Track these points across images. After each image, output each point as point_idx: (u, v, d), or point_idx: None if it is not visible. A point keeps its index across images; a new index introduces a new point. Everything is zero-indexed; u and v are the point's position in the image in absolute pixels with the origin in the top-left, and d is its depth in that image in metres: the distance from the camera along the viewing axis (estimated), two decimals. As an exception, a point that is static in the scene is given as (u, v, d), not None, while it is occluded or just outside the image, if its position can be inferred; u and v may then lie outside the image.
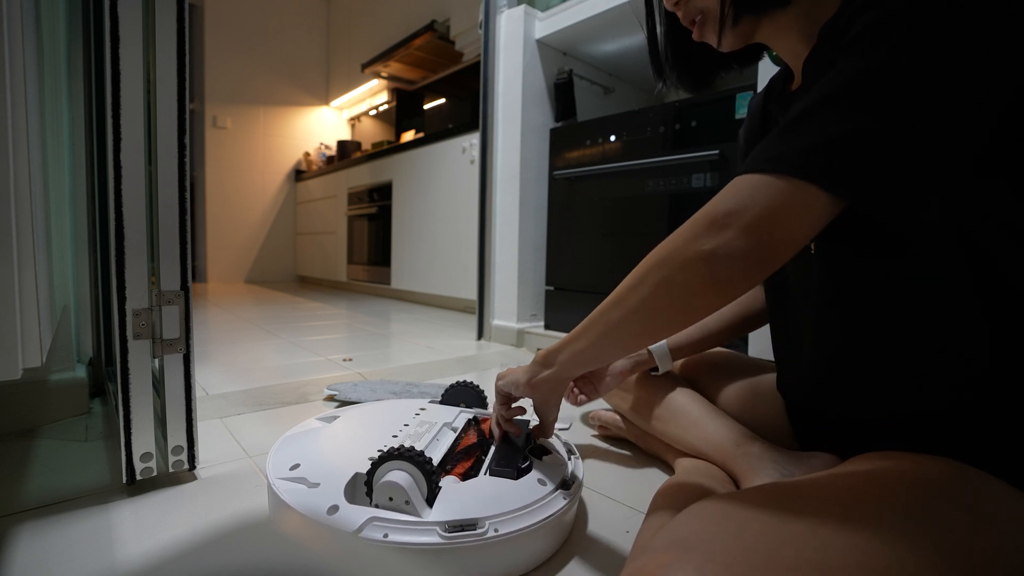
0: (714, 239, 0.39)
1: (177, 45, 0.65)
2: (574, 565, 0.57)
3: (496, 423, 0.67)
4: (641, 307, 0.44)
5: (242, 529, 0.12)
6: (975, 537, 0.35)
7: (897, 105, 0.35)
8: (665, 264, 0.42)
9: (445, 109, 3.58)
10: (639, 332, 0.46)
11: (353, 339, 1.89)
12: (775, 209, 0.37)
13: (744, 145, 0.68)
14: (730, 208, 0.38)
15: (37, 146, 0.61)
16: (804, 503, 0.37)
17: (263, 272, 4.35)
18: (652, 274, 0.43)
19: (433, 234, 2.76)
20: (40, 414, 0.91)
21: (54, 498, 0.67)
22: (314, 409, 1.07)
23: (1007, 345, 0.41)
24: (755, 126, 0.64)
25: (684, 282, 0.41)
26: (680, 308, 0.42)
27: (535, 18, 1.77)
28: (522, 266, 1.82)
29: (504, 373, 0.63)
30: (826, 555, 0.32)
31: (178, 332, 0.68)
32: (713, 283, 0.39)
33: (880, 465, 0.43)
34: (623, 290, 0.46)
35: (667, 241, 0.43)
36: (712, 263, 0.39)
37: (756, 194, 0.38)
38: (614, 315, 0.46)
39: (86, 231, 1.04)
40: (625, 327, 0.46)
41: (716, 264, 0.39)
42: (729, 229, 0.38)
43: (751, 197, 0.38)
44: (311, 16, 4.46)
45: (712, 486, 0.63)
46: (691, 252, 0.40)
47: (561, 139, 1.75)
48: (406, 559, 0.13)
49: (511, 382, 0.61)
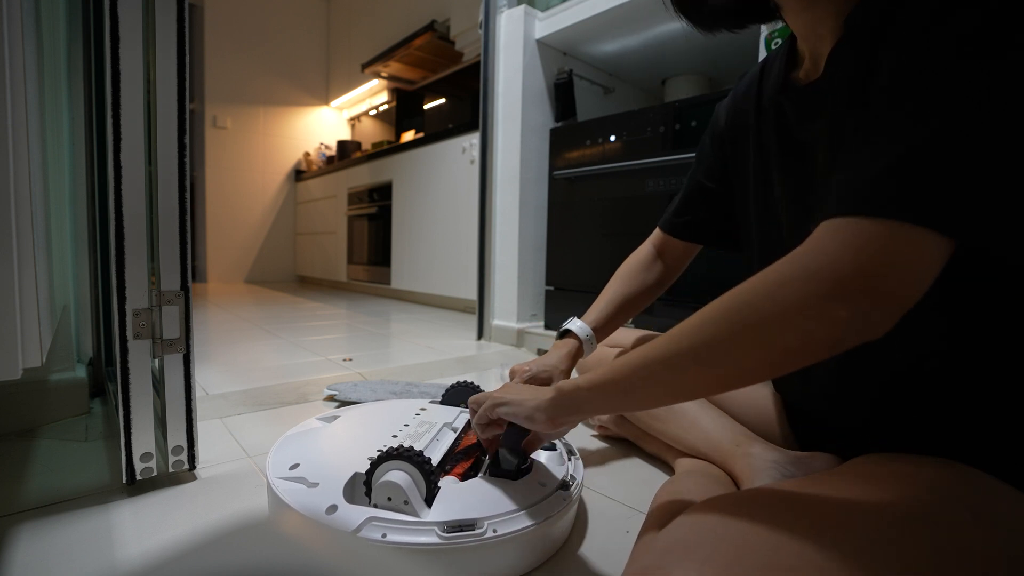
0: (847, 308, 0.33)
1: (177, 45, 0.65)
2: (574, 566, 0.57)
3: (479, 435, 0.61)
4: (721, 364, 0.38)
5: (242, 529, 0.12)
6: (977, 538, 0.35)
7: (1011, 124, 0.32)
8: (767, 326, 0.35)
9: (445, 109, 3.58)
10: (708, 387, 0.40)
11: (353, 339, 1.89)
12: (915, 270, 0.32)
13: (728, 130, 0.65)
14: (862, 270, 0.32)
15: (37, 146, 0.61)
16: (805, 505, 0.37)
17: (263, 272, 4.35)
18: (744, 335, 0.36)
19: (433, 234, 2.76)
20: (40, 414, 0.91)
21: (54, 498, 0.67)
22: (314, 409, 1.07)
23: (1009, 350, 0.41)
24: (745, 118, 0.61)
25: (798, 347, 0.35)
26: (779, 369, 0.36)
27: (535, 18, 1.77)
28: (522, 266, 1.82)
29: (508, 397, 0.55)
30: (827, 556, 0.32)
31: (178, 332, 0.68)
32: (835, 348, 0.34)
33: (881, 467, 0.43)
34: (690, 344, 0.39)
35: (758, 295, 0.36)
36: (843, 331, 0.33)
37: (891, 253, 0.32)
38: (675, 367, 0.40)
39: (86, 231, 1.04)
40: (694, 382, 0.40)
41: (848, 333, 0.33)
42: (866, 297, 0.32)
43: (884, 254, 0.32)
44: (311, 16, 4.46)
45: (712, 487, 0.63)
46: (811, 316, 0.33)
47: (561, 139, 1.75)
48: (404, 559, 0.13)
49: (525, 415, 0.52)
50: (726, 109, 0.67)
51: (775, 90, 0.56)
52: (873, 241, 0.32)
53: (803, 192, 0.52)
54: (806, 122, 0.51)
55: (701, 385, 0.40)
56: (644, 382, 0.42)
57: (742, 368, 0.37)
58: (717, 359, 0.38)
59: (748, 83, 0.62)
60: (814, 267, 0.34)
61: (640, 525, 0.58)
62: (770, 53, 0.59)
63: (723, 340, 0.37)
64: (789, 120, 0.53)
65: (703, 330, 0.38)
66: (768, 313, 0.35)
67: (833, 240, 0.34)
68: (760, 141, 0.58)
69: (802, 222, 0.51)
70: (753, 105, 0.60)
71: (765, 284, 0.36)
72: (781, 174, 0.55)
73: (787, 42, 0.57)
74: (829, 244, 0.34)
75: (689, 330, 0.39)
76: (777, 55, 0.58)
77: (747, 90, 0.62)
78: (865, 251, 0.32)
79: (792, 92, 0.53)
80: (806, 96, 0.51)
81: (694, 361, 0.39)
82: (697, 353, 0.38)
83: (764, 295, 0.36)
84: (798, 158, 0.52)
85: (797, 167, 0.53)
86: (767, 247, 0.59)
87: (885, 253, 0.32)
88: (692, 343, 0.39)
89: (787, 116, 0.53)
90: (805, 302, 0.34)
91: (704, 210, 0.72)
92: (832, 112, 0.46)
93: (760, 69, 0.61)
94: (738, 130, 0.64)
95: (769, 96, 0.57)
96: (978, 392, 0.43)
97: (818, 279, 0.33)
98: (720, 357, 0.37)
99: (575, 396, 0.48)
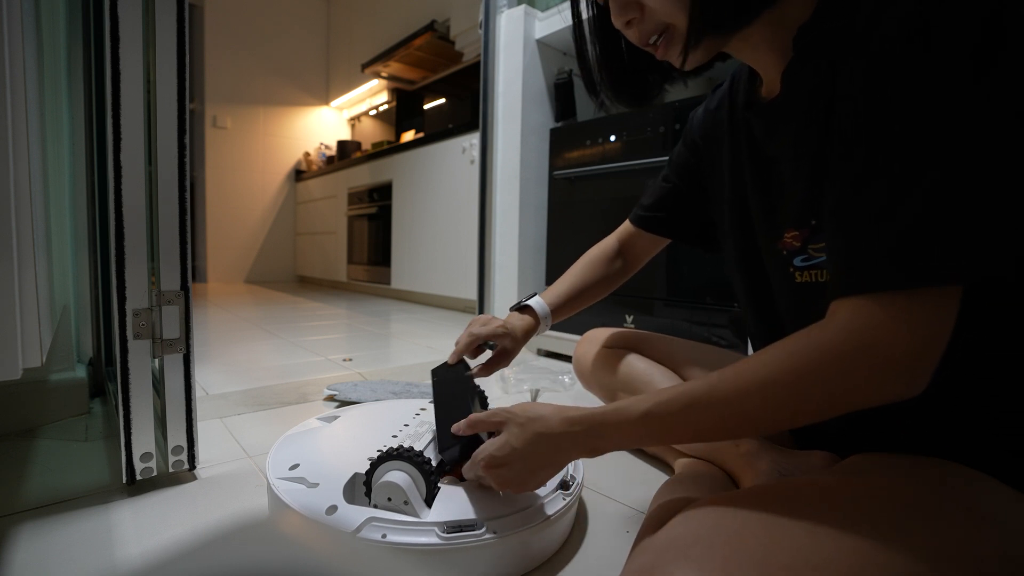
0: (899, 382, 0.35)
1: (177, 45, 0.65)
2: (574, 566, 0.57)
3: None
4: (769, 429, 0.41)
5: (242, 529, 0.12)
6: (973, 537, 0.35)
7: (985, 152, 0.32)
8: (831, 405, 0.37)
9: (445, 109, 3.58)
10: (746, 431, 0.41)
11: (353, 339, 1.89)
12: (949, 324, 0.34)
13: (702, 140, 0.66)
14: (914, 349, 0.34)
15: (37, 146, 0.61)
16: (802, 503, 0.37)
17: (263, 272, 4.35)
18: (800, 416, 0.38)
19: (433, 234, 2.76)
20: (40, 414, 0.91)
21: (54, 498, 0.67)
22: (314, 409, 1.07)
23: (1005, 352, 0.41)
24: (719, 130, 0.61)
25: (842, 410, 0.37)
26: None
27: (535, 18, 1.77)
28: (522, 266, 1.82)
29: (526, 421, 0.49)
30: (823, 555, 0.32)
31: (178, 332, 0.68)
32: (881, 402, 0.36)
33: (878, 465, 0.43)
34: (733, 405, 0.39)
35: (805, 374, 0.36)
36: (895, 396, 0.35)
37: (933, 322, 0.34)
38: (716, 414, 0.40)
39: (86, 231, 1.04)
40: (732, 428, 0.41)
41: (897, 396, 0.35)
42: (914, 372, 0.35)
43: (927, 326, 0.34)
44: (311, 16, 4.46)
45: (711, 486, 0.63)
46: (872, 398, 0.36)
47: (561, 139, 1.75)
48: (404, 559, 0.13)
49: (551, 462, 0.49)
50: (699, 120, 0.67)
51: (743, 106, 0.56)
52: (916, 315, 0.34)
53: (773, 206, 0.53)
54: (771, 138, 0.52)
55: (725, 430, 0.42)
56: (674, 426, 0.43)
57: (795, 413, 0.39)
58: (768, 427, 0.41)
59: (720, 96, 0.63)
60: (858, 346, 0.35)
61: (640, 525, 0.58)
62: (740, 67, 0.59)
63: (780, 421, 0.39)
64: (757, 136, 0.54)
65: (766, 408, 0.39)
66: (827, 397, 0.37)
67: (875, 318, 0.35)
68: (733, 155, 0.59)
69: (771, 232, 0.53)
70: (726, 117, 0.60)
71: (820, 362, 0.36)
72: (753, 188, 0.56)
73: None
74: (877, 322, 0.34)
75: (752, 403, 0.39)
76: (745, 68, 0.57)
77: (720, 103, 0.63)
78: (914, 328, 0.34)
79: (757, 108, 0.53)
80: (769, 113, 0.51)
81: (751, 431, 0.41)
82: (733, 410, 0.40)
83: (824, 379, 0.36)
84: (767, 172, 0.54)
85: (766, 181, 0.54)
86: (745, 258, 0.60)
87: (928, 325, 0.34)
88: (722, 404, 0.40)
89: (754, 132, 0.54)
90: (852, 383, 0.35)
91: (675, 208, 0.73)
92: (795, 129, 0.47)
93: (730, 83, 0.62)
94: (711, 141, 0.64)
95: (739, 111, 0.57)
96: (975, 392, 0.43)
97: (871, 365, 0.35)
98: (768, 427, 0.41)
99: (598, 432, 0.46)
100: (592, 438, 0.45)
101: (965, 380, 0.43)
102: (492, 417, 0.52)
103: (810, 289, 0.48)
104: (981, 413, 0.43)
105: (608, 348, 0.88)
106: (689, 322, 1.38)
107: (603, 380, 0.87)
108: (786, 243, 0.50)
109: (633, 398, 0.44)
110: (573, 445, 0.47)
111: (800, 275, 0.49)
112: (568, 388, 1.23)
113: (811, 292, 0.48)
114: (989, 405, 0.42)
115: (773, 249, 0.52)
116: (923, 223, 0.33)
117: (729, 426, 0.40)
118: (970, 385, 0.43)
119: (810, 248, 0.47)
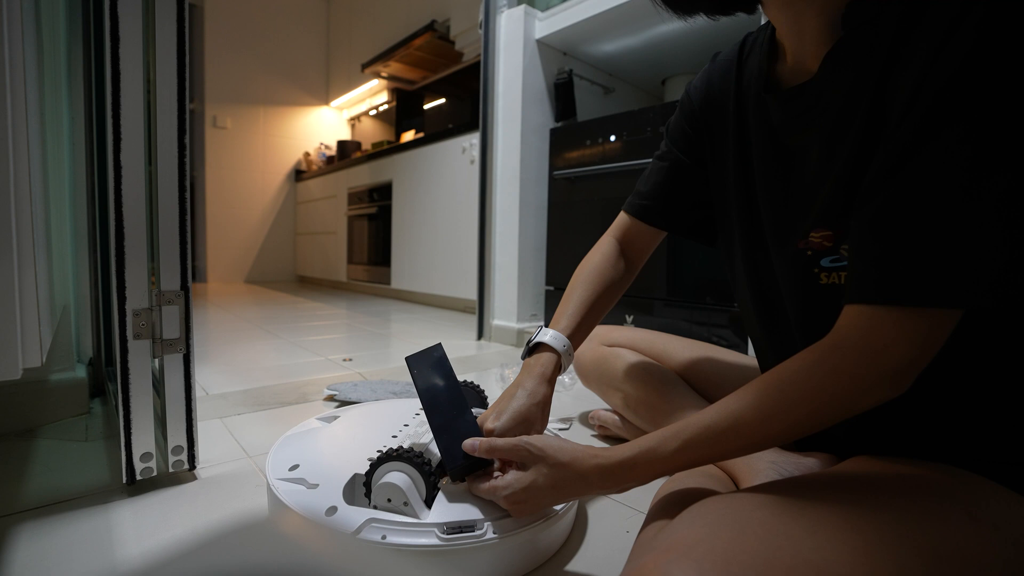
0: (893, 389, 0.38)
1: (177, 45, 0.65)
2: (574, 566, 0.57)
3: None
4: (773, 441, 0.42)
5: (242, 529, 0.12)
6: (972, 540, 0.35)
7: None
8: (830, 409, 0.39)
9: (445, 109, 3.58)
10: (765, 448, 0.43)
11: (353, 339, 1.89)
12: (942, 340, 0.37)
13: (702, 112, 0.61)
14: (912, 358, 0.36)
15: (37, 146, 0.61)
16: (802, 504, 0.37)
17: (263, 272, 4.35)
18: (804, 425, 0.40)
19: (433, 234, 2.76)
20: (40, 414, 0.91)
21: (54, 498, 0.67)
22: (314, 409, 1.07)
23: (1004, 356, 0.41)
24: (723, 104, 0.58)
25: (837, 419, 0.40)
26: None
27: (535, 18, 1.77)
28: (522, 266, 1.82)
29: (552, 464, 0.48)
30: (823, 556, 0.32)
31: (178, 332, 0.68)
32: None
33: (877, 467, 0.43)
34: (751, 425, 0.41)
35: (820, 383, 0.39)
36: (882, 401, 0.38)
37: (935, 339, 0.36)
38: (741, 444, 0.42)
39: (86, 231, 1.04)
40: (754, 448, 0.43)
41: (883, 400, 0.38)
42: (907, 377, 0.37)
43: (929, 342, 0.36)
44: (311, 16, 4.46)
45: (711, 486, 0.63)
46: (866, 403, 0.38)
47: (561, 139, 1.76)
48: (404, 560, 0.13)
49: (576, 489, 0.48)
50: (700, 92, 0.62)
51: (758, 86, 0.53)
52: (921, 328, 0.36)
53: (786, 198, 0.51)
54: (794, 128, 0.49)
55: (742, 448, 0.43)
56: (695, 454, 0.44)
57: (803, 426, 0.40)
58: (785, 442, 0.42)
59: (725, 68, 0.59)
60: (867, 359, 0.37)
61: (640, 525, 0.58)
62: (748, 36, 0.55)
63: (797, 436, 0.41)
64: (774, 122, 0.51)
65: (772, 422, 0.41)
66: (826, 400, 0.39)
67: (882, 327, 0.37)
68: (740, 137, 0.56)
69: (785, 229, 0.50)
70: (732, 95, 0.56)
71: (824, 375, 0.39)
72: (764, 179, 0.53)
73: (766, 30, 0.53)
74: (883, 332, 0.37)
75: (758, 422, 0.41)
76: (756, 41, 0.54)
77: (725, 74, 0.58)
78: (914, 340, 0.36)
79: (780, 92, 0.50)
80: (794, 100, 0.48)
81: (770, 447, 0.43)
82: (775, 444, 0.42)
83: (818, 388, 0.39)
84: (782, 163, 0.51)
85: (782, 173, 0.51)
86: (749, 252, 0.57)
87: (931, 339, 0.36)
88: (740, 425, 0.42)
89: (771, 117, 0.51)
90: (859, 391, 0.38)
91: (676, 192, 0.67)
92: (833, 119, 0.44)
93: (738, 53, 0.57)
94: (714, 116, 0.60)
95: (750, 90, 0.54)
96: (973, 396, 0.43)
97: (870, 371, 0.37)
98: (785, 441, 0.42)
99: (620, 473, 0.46)
100: (622, 482, 0.46)
101: (964, 385, 0.43)
102: (517, 450, 0.50)
103: (834, 291, 0.46)
104: (980, 417, 0.43)
105: (608, 347, 0.88)
106: (689, 322, 1.38)
107: (604, 379, 0.87)
108: (812, 243, 0.47)
109: (659, 435, 0.45)
110: (603, 489, 0.48)
111: (827, 276, 0.46)
112: (568, 388, 1.23)
113: (835, 294, 0.46)
114: (987, 409, 0.42)
115: (790, 247, 0.50)
116: (967, 248, 0.34)
117: (750, 448, 0.42)
118: (969, 389, 0.43)
119: (842, 249, 0.45)
